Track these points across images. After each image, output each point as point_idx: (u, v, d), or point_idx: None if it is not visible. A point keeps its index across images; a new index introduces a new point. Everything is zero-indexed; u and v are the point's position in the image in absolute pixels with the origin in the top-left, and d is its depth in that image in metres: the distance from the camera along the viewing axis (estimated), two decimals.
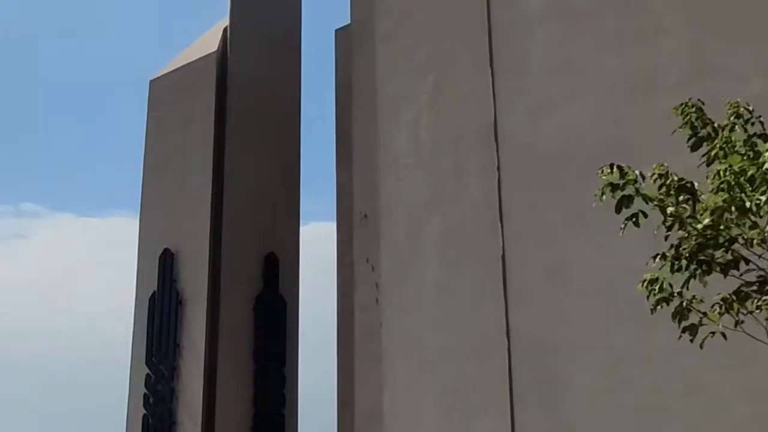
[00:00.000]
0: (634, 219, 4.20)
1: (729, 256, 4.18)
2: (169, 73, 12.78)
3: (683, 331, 4.31)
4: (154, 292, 11.72)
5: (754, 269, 4.17)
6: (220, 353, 11.19)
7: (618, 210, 4.20)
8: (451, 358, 8.00)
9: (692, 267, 4.23)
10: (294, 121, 12.86)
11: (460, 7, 8.79)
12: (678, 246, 4.24)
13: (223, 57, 12.37)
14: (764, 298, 4.08)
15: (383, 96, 9.07)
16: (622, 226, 4.19)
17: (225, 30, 12.66)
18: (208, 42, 12.73)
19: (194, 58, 12.48)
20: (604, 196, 4.19)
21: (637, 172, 4.20)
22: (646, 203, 4.19)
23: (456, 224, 8.24)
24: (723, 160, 4.17)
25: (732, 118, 4.31)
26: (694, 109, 4.37)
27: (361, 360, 10.91)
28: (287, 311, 12.05)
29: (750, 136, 4.27)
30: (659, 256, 4.33)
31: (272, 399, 11.49)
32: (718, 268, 4.22)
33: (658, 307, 4.34)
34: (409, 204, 8.62)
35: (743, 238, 4.11)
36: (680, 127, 4.39)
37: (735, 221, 4.09)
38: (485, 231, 8.04)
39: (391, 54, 9.24)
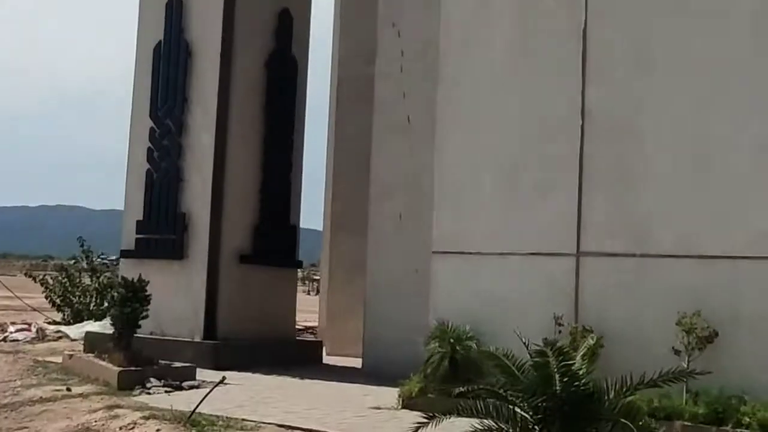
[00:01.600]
0: None
1: None
2: None
3: None
4: (160, 42, 10.90)
5: None
6: (231, 110, 10.58)
7: None
8: (517, 132, 7.58)
9: None
10: None
11: None
12: None
13: None
14: None
15: None
16: None
17: None
18: None
19: None
20: None
21: None
22: None
23: None
24: None
25: None
26: None
27: (380, 131, 10.54)
28: (298, 74, 11.43)
29: None
30: None
31: (281, 163, 11.05)
32: None
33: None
34: None
35: None
36: None
37: None
38: (567, 2, 7.45)
39: None
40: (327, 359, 11.57)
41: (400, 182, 10.16)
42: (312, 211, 13.37)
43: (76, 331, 12.43)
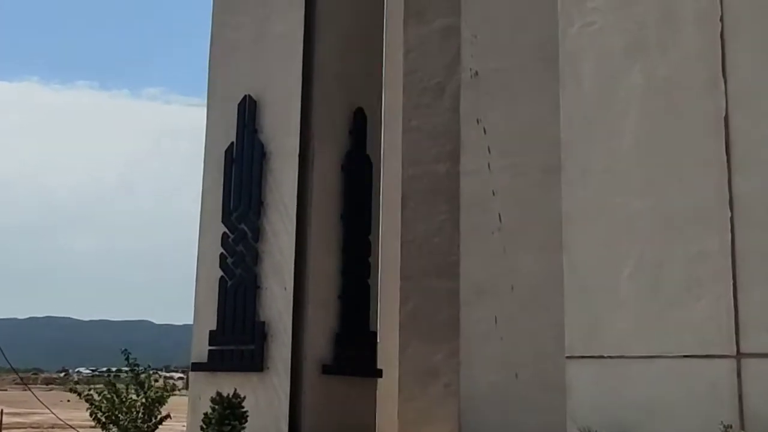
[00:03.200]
0: None
1: None
2: None
3: None
4: (232, 144, 10.50)
5: None
6: (309, 214, 10.13)
7: None
8: (655, 227, 7.12)
9: None
10: None
11: None
12: None
13: None
14: None
15: None
16: None
17: None
18: None
19: None
20: None
21: None
22: None
23: (664, 77, 7.25)
24: None
25: None
26: None
27: (469, 230, 10.13)
28: (373, 175, 11.03)
29: None
30: None
31: (359, 266, 10.54)
32: None
33: None
34: (600, 52, 7.57)
35: None
36: None
37: None
38: (703, 86, 7.08)
39: None
40: None
41: (493, 284, 9.69)
42: None
43: None
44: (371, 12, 11.42)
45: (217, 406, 8.05)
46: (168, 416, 9.93)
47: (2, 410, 19.77)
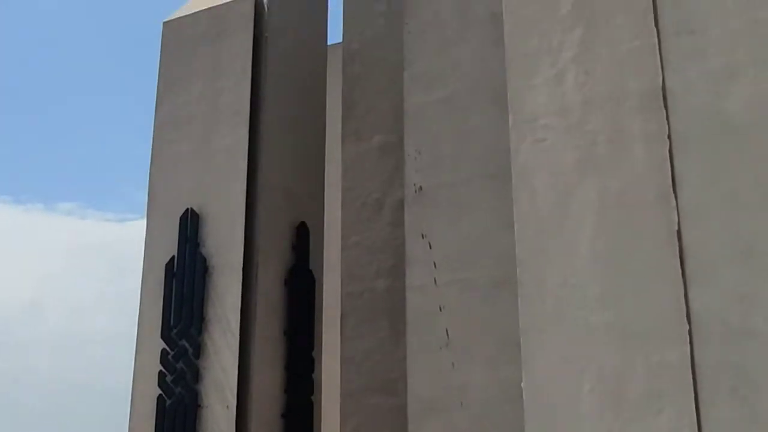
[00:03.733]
0: None
1: None
2: (189, 15, 11.39)
3: None
4: (173, 258, 10.28)
5: None
6: (253, 329, 9.90)
7: None
8: (614, 340, 7.14)
9: None
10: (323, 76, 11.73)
11: None
12: None
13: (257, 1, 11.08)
14: None
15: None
16: None
17: None
18: None
19: (223, 1, 11.14)
20: None
21: None
22: None
23: (616, 192, 7.39)
24: None
25: None
26: None
27: (415, 346, 9.99)
28: (315, 289, 10.90)
29: None
30: None
31: (302, 384, 10.30)
32: None
33: None
34: (552, 168, 7.71)
35: None
36: None
37: None
38: (655, 201, 7.22)
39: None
40: None
41: (442, 400, 9.51)
42: None
43: None
44: (314, 128, 11.50)
45: None
46: None
47: None
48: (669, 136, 7.33)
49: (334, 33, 13.16)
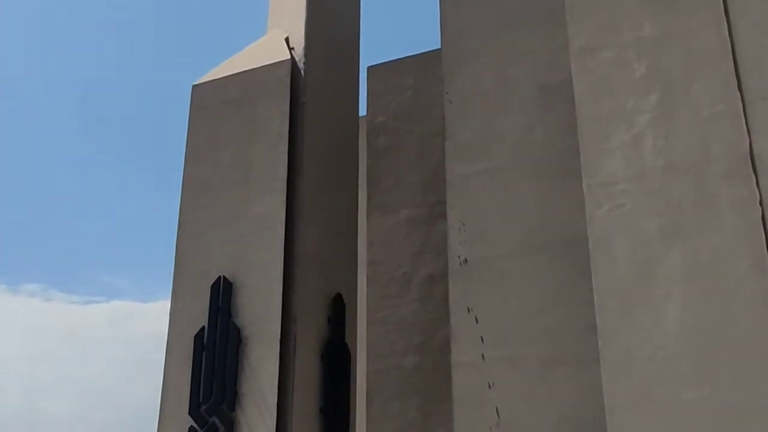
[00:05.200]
0: None
1: None
2: (219, 79, 11.02)
3: None
4: (203, 328, 9.69)
5: None
6: (291, 407, 9.27)
7: None
8: (710, 419, 6.66)
9: None
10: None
11: (689, 21, 7.76)
12: None
13: (293, 65, 10.75)
14: None
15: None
16: None
17: (287, 39, 11.10)
18: (270, 48, 11.07)
19: (257, 65, 10.80)
20: None
21: None
22: None
23: (706, 260, 7.01)
24: None
25: None
26: None
27: (463, 424, 9.44)
28: (351, 363, 10.33)
29: None
30: None
31: None
32: None
33: None
34: (633, 235, 7.33)
35: None
36: None
37: None
38: (750, 269, 6.85)
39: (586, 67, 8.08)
40: None
41: None
42: None
43: None
44: (346, 197, 11.09)
45: None
46: None
47: None
48: (761, 203, 7.01)
49: None
